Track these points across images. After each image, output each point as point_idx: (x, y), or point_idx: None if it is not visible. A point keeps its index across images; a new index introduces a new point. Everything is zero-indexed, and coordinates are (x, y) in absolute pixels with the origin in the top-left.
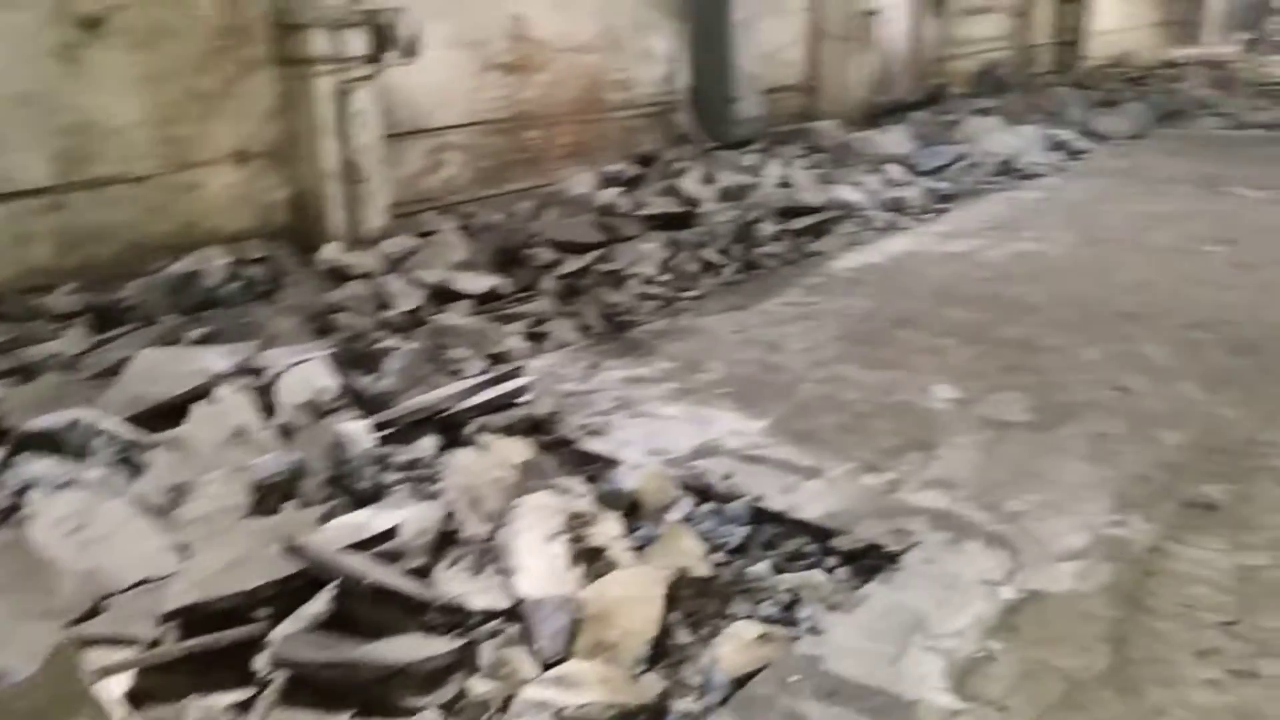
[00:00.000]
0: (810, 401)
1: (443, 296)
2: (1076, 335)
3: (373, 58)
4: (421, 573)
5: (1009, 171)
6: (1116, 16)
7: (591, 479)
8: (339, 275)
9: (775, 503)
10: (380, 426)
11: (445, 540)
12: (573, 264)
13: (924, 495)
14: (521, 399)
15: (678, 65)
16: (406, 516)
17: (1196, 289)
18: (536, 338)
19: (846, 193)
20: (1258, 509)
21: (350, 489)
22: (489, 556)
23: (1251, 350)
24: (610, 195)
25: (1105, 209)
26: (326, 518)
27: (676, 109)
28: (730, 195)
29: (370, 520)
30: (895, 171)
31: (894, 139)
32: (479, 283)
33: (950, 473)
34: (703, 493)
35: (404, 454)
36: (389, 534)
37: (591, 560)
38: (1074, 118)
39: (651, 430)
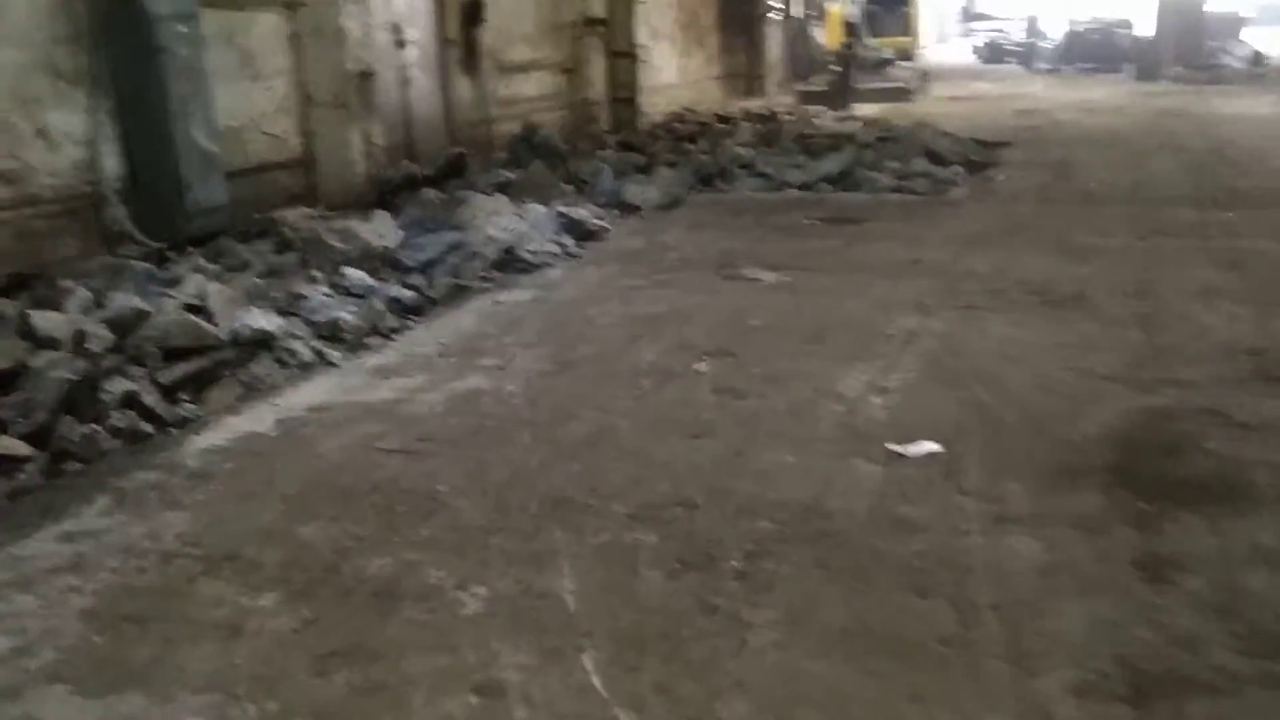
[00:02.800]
0: None
1: None
2: (471, 563)
3: None
4: None
5: (510, 263)
6: (676, 71)
7: None
8: None
9: None
10: None
11: None
12: None
13: None
14: None
15: (102, 147)
16: None
17: (663, 440)
18: None
19: (261, 319)
20: None
21: None
22: None
23: (701, 563)
24: None
25: (596, 311)
26: None
27: (106, 203)
28: (120, 328)
29: None
30: (355, 276)
31: (379, 227)
32: None
33: None
34: None
35: None
36: None
37: None
38: (605, 188)
39: None
